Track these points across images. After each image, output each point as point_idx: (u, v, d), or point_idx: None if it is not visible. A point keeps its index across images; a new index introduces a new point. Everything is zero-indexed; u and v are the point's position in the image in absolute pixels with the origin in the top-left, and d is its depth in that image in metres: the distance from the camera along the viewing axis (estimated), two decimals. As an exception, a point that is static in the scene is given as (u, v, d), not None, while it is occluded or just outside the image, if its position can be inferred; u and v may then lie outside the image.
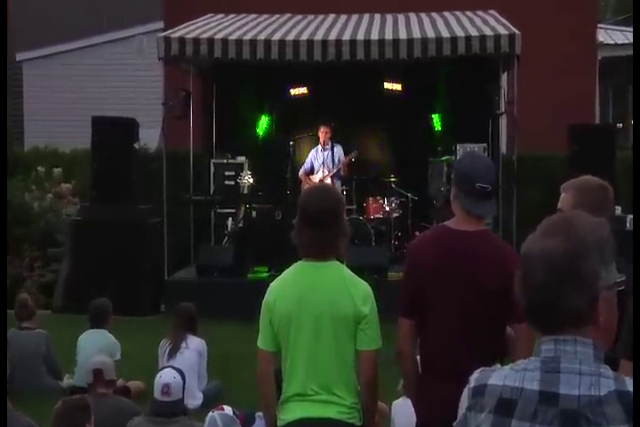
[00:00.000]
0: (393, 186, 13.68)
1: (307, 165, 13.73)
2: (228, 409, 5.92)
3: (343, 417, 3.85)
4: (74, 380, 7.96)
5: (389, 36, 12.18)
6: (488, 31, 12.13)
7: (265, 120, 14.81)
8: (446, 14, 13.78)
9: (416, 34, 12.23)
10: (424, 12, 13.99)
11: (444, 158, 13.52)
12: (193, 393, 7.34)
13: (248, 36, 12.28)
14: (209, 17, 14.04)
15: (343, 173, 13.50)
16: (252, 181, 13.38)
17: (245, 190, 13.37)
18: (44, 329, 8.32)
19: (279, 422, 3.95)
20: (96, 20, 20.84)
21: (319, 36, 12.31)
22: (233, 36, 12.28)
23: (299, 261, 4.01)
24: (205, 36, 12.26)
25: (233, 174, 13.67)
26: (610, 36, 18.71)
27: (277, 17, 14.00)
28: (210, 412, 5.97)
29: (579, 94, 16.25)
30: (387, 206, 13.47)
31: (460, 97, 13.82)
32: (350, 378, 3.90)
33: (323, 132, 13.44)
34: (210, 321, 9.23)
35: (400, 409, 5.64)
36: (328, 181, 13.24)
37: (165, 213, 12.25)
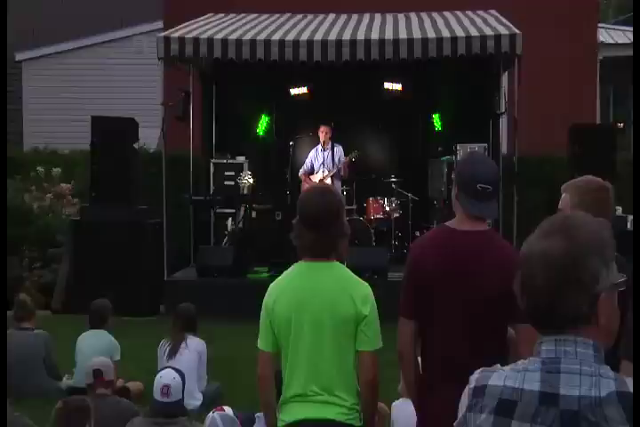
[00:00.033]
0: (393, 186, 13.69)
1: (307, 166, 13.71)
2: (228, 410, 5.92)
3: (343, 418, 3.83)
4: (73, 380, 7.94)
5: (390, 35, 12.16)
6: (489, 31, 12.10)
7: (265, 120, 14.80)
8: (447, 14, 13.76)
9: (416, 34, 12.21)
10: (424, 12, 13.98)
11: (444, 158, 13.51)
12: (193, 394, 7.33)
13: (248, 36, 12.26)
14: (209, 17, 14.02)
15: (343, 173, 13.48)
16: (251, 181, 13.37)
17: (245, 191, 13.36)
18: (43, 330, 8.29)
19: (279, 423, 3.94)
20: (95, 20, 20.81)
21: (319, 36, 12.28)
22: (233, 36, 12.25)
23: (299, 262, 4.00)
24: (205, 36, 12.23)
25: (233, 175, 13.67)
26: (611, 35, 18.69)
27: (277, 17, 13.98)
28: (210, 412, 5.97)
29: (579, 94, 16.23)
30: (387, 207, 13.48)
31: (461, 97, 13.84)
32: (350, 379, 3.88)
33: (323, 132, 13.42)
34: (210, 322, 9.20)
35: (400, 410, 5.63)
36: (328, 181, 13.21)
37: (165, 214, 12.23)
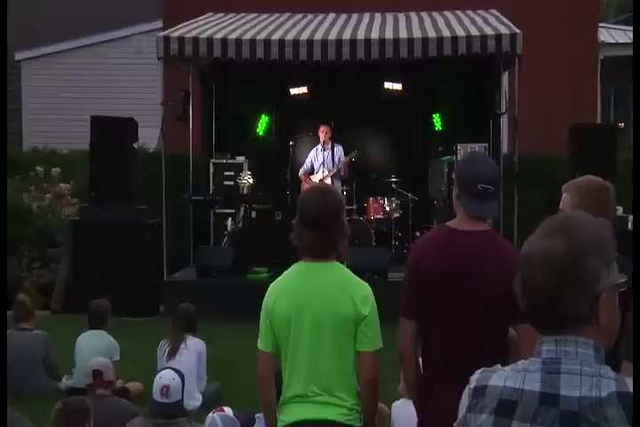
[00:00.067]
0: (393, 186, 13.66)
1: (307, 165, 13.69)
2: (228, 410, 5.91)
3: (343, 419, 3.82)
4: (72, 381, 7.92)
5: (390, 35, 12.14)
6: (489, 31, 12.08)
7: (264, 120, 14.78)
8: (447, 13, 13.74)
9: (417, 33, 12.19)
10: (425, 12, 13.96)
11: (444, 158, 13.49)
12: (192, 394, 7.31)
13: (247, 36, 12.23)
14: (208, 16, 14.00)
15: (343, 173, 13.45)
16: (251, 181, 13.35)
17: (245, 191, 13.34)
18: (42, 330, 8.28)
19: (279, 424, 3.94)
20: (95, 20, 20.80)
21: (319, 36, 12.26)
22: (232, 36, 12.23)
23: (299, 262, 3.99)
24: (205, 36, 12.21)
25: (232, 174, 13.65)
26: (611, 35, 18.67)
27: (277, 16, 13.96)
28: (210, 413, 5.95)
29: (580, 94, 16.21)
30: (387, 207, 13.46)
31: (461, 97, 13.83)
32: (350, 379, 3.87)
33: (322, 132, 13.40)
34: (209, 322, 9.19)
35: (401, 410, 5.63)
36: (328, 181, 13.19)
37: (165, 214, 12.21)
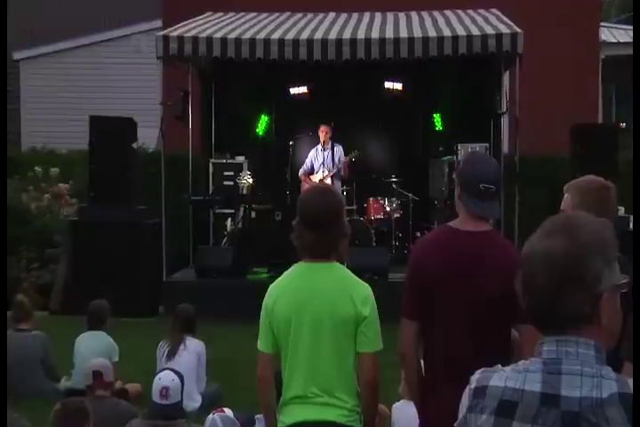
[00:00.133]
0: (394, 186, 13.64)
1: (306, 165, 13.66)
2: (228, 411, 5.89)
3: (344, 420, 3.80)
4: (71, 382, 7.91)
5: (390, 35, 12.12)
6: (490, 30, 12.07)
7: (264, 120, 14.75)
8: (447, 13, 13.72)
9: (417, 33, 12.17)
10: (425, 11, 13.94)
11: (445, 158, 13.47)
12: (192, 396, 7.30)
13: (247, 35, 12.21)
14: (207, 15, 13.97)
15: (343, 173, 13.42)
16: (251, 181, 13.31)
17: (245, 191, 13.31)
18: (41, 331, 8.27)
19: (279, 425, 3.92)
20: (94, 19, 20.79)
21: (319, 35, 12.24)
22: (232, 35, 12.21)
23: (299, 262, 3.97)
24: (204, 35, 12.18)
25: (232, 174, 13.61)
26: (613, 34, 18.65)
27: (277, 15, 13.93)
28: (210, 414, 5.94)
29: (581, 94, 16.20)
30: (387, 207, 13.42)
31: (462, 96, 13.79)
32: (351, 380, 3.85)
33: (323, 132, 13.36)
34: (209, 323, 9.16)
35: (401, 411, 5.64)
36: (328, 181, 13.16)
37: (164, 214, 12.20)
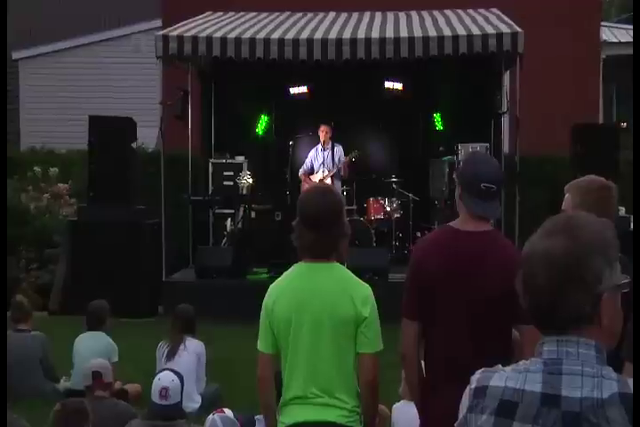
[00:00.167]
0: (394, 186, 13.61)
1: (306, 165, 13.63)
2: (228, 412, 5.88)
3: (344, 421, 3.79)
4: (71, 382, 7.90)
5: (390, 34, 12.10)
6: (490, 30, 12.05)
7: (264, 120, 14.73)
8: (448, 12, 13.70)
9: (417, 32, 12.15)
10: (425, 10, 13.92)
11: (445, 158, 13.44)
12: (191, 396, 7.29)
13: (247, 35, 12.19)
14: (207, 15, 13.95)
15: (343, 173, 13.39)
16: (251, 181, 13.29)
17: (244, 191, 13.28)
18: (40, 331, 8.25)
19: (279, 426, 3.91)
20: (93, 19, 20.78)
21: (319, 35, 12.22)
22: (232, 35, 12.18)
23: (299, 262, 3.96)
24: (204, 35, 12.16)
25: (232, 174, 13.58)
26: (614, 34, 18.63)
27: (277, 15, 13.91)
28: (210, 414, 5.93)
29: (582, 93, 16.18)
30: (387, 207, 13.40)
31: (462, 96, 13.77)
32: (351, 381, 3.84)
33: (323, 132, 13.33)
34: (209, 323, 9.15)
35: (401, 412, 5.64)
36: (328, 181, 13.13)
37: (163, 214, 12.18)
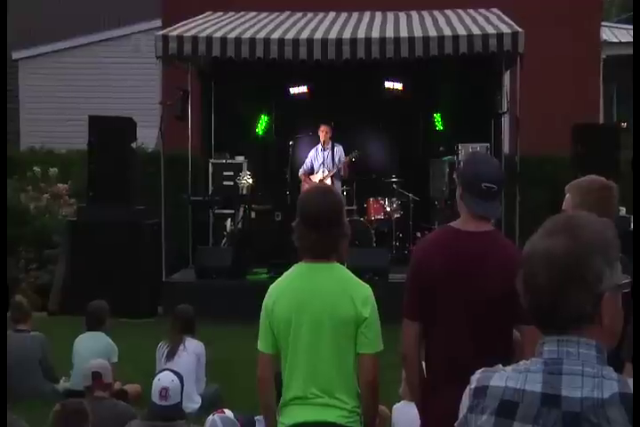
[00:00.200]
0: (394, 186, 13.59)
1: (306, 165, 13.61)
2: (228, 412, 5.86)
3: (344, 421, 3.78)
4: (70, 383, 7.89)
5: (390, 34, 12.08)
6: (491, 29, 12.04)
7: (264, 120, 14.71)
8: (448, 12, 13.68)
9: (417, 32, 12.13)
10: (426, 10, 13.90)
11: (445, 158, 13.42)
12: (191, 397, 7.28)
13: (247, 35, 12.17)
14: (207, 15, 13.93)
15: (343, 173, 13.38)
16: (250, 181, 13.27)
17: (244, 191, 13.27)
18: (39, 331, 8.24)
19: (279, 426, 3.89)
20: (93, 19, 20.77)
21: (319, 35, 12.20)
22: (232, 35, 12.17)
23: (299, 263, 3.95)
24: (204, 35, 12.15)
25: (232, 175, 13.56)
26: (614, 33, 18.62)
27: (277, 15, 13.89)
28: (210, 415, 5.91)
29: (582, 93, 16.17)
30: (388, 207, 13.38)
31: (462, 96, 13.75)
32: (351, 381, 3.83)
33: (323, 132, 13.31)
34: (208, 323, 9.12)
35: (401, 413, 5.63)
36: (328, 181, 13.12)
37: (163, 214, 12.17)
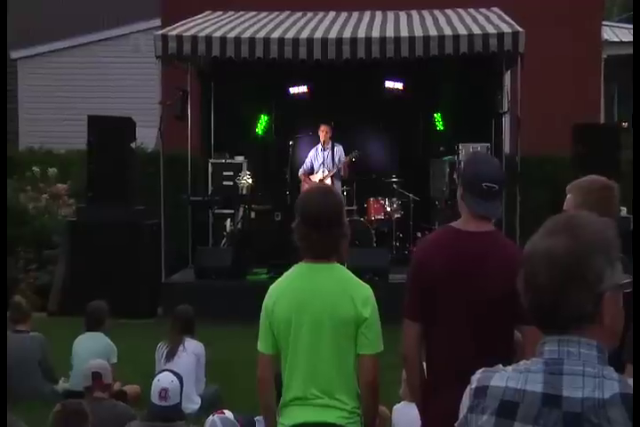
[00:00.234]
0: (394, 186, 13.57)
1: (306, 165, 13.58)
2: (228, 413, 5.85)
3: (344, 422, 3.76)
4: (69, 384, 7.87)
5: (391, 33, 12.07)
6: (491, 29, 12.03)
7: (264, 119, 14.69)
8: (448, 12, 13.67)
9: (418, 32, 12.12)
10: (426, 10, 13.88)
11: (446, 158, 13.40)
12: (191, 397, 7.27)
13: (247, 34, 12.16)
14: (207, 14, 13.92)
15: (343, 173, 13.35)
16: (250, 181, 13.25)
17: (244, 191, 13.25)
18: (39, 332, 8.23)
19: (279, 427, 3.89)
20: (92, 18, 20.75)
21: (319, 34, 12.19)
22: (231, 34, 12.15)
23: (299, 263, 3.93)
24: (203, 34, 12.13)
25: (231, 175, 13.55)
26: (615, 33, 18.60)
27: (276, 14, 13.87)
28: (210, 415, 5.90)
29: (583, 93, 16.16)
30: (388, 207, 13.36)
31: (463, 96, 13.74)
32: (351, 382, 3.81)
33: (323, 132, 13.29)
34: (208, 324, 9.10)
35: (401, 413, 5.61)
36: (328, 181, 13.09)
37: (163, 214, 12.16)
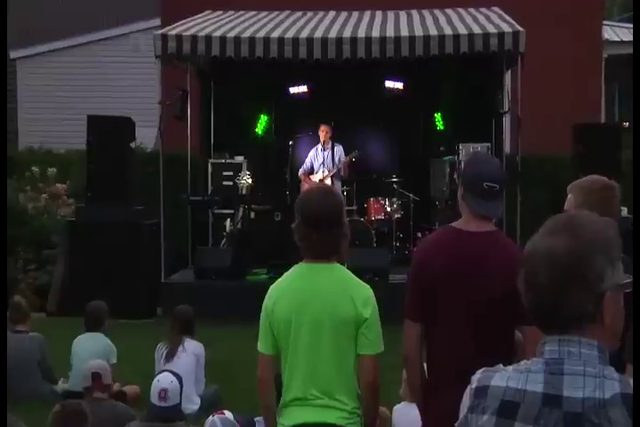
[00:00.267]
0: (394, 186, 13.56)
1: (306, 165, 13.57)
2: (228, 414, 5.85)
3: (344, 422, 3.76)
4: (69, 384, 7.86)
5: (391, 33, 12.06)
6: (491, 29, 12.02)
7: (264, 119, 14.68)
8: (449, 11, 13.66)
9: (418, 31, 12.11)
10: (426, 9, 13.87)
11: (446, 158, 13.39)
12: (190, 398, 7.26)
13: (246, 34, 12.14)
14: (207, 14, 13.91)
15: (343, 173, 13.34)
16: (250, 181, 13.24)
17: (244, 191, 13.24)
18: (38, 332, 8.22)
19: (279, 427, 3.88)
20: (92, 18, 20.75)
21: (319, 34, 12.18)
22: (231, 34, 12.14)
23: (299, 263, 3.92)
24: (203, 34, 12.11)
25: (231, 175, 13.54)
26: (616, 33, 18.59)
27: (276, 14, 13.86)
28: (210, 416, 5.90)
29: (583, 93, 16.16)
30: (388, 207, 13.35)
31: (463, 96, 13.73)
32: (351, 383, 3.81)
33: (323, 132, 13.28)
34: (208, 324, 9.11)
35: (402, 414, 5.62)
36: (328, 181, 13.08)
37: (162, 214, 12.14)
